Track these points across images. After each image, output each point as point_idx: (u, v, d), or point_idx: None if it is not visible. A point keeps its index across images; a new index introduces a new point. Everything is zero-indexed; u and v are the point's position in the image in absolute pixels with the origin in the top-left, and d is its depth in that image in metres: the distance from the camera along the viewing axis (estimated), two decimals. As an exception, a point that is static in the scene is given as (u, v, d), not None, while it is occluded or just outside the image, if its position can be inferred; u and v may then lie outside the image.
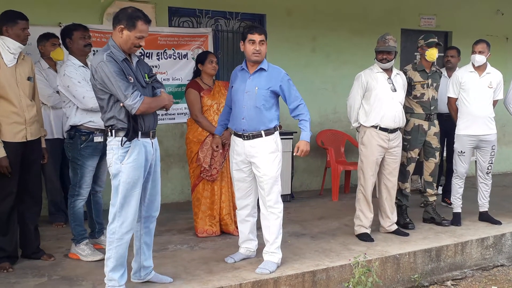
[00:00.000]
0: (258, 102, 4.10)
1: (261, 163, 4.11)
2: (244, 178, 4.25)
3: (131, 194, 3.49)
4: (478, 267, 5.15)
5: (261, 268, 4.11)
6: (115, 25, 3.48)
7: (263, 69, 4.15)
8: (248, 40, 4.09)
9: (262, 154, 4.11)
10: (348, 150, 7.52)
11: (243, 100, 4.13)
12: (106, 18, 6.04)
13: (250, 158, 4.15)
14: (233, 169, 4.29)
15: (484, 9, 8.74)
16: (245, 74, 4.19)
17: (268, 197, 4.13)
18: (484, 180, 5.64)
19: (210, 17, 6.82)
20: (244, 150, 4.15)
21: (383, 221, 5.21)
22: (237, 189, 4.32)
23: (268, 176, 4.11)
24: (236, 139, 4.22)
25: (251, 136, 4.12)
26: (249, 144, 4.13)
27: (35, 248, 4.40)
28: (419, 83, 5.32)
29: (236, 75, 4.27)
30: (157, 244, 4.66)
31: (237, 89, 4.19)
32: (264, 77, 4.15)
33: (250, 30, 4.11)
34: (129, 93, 3.37)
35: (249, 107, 4.11)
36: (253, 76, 4.15)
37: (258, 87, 4.11)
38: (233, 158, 4.26)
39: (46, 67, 5.30)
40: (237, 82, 4.22)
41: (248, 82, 4.15)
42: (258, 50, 4.07)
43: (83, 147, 4.27)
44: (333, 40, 7.54)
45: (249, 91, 4.12)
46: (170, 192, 6.63)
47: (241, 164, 4.20)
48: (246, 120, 4.11)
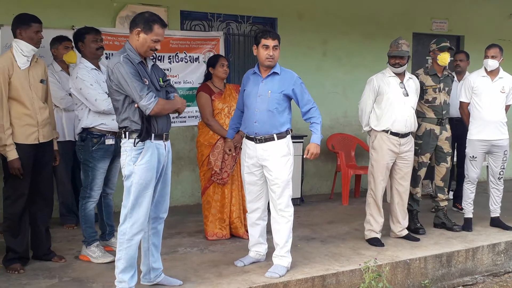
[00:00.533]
0: (271, 106, 4.11)
1: (273, 167, 4.11)
2: (255, 182, 4.25)
3: (142, 195, 3.51)
4: (489, 273, 5.12)
5: (271, 272, 4.11)
6: (132, 28, 3.54)
7: (276, 73, 4.16)
8: (262, 45, 4.09)
9: (274, 158, 4.11)
10: (359, 154, 7.50)
11: (256, 104, 4.13)
12: (119, 21, 6.08)
13: (262, 162, 4.15)
14: (244, 172, 4.29)
15: (496, 13, 8.69)
16: (258, 77, 4.20)
17: (279, 200, 4.13)
18: (496, 186, 5.60)
19: (222, 20, 6.84)
20: (256, 154, 4.15)
21: (394, 226, 5.19)
22: (248, 192, 4.32)
23: (279, 180, 4.11)
24: (248, 143, 4.22)
25: (263, 139, 4.13)
26: (261, 147, 4.14)
27: (46, 250, 4.43)
28: (431, 87, 5.30)
29: (248, 79, 4.28)
30: (167, 247, 4.69)
31: (250, 93, 4.20)
32: (277, 81, 4.15)
33: (264, 34, 4.11)
34: (144, 93, 3.41)
35: (262, 110, 4.11)
36: (266, 80, 4.16)
37: (271, 90, 4.11)
38: (244, 162, 4.27)
39: (59, 70, 5.35)
40: (249, 86, 4.23)
41: (261, 86, 4.15)
42: (272, 55, 4.08)
43: (94, 149, 4.30)
44: (344, 43, 7.53)
45: (262, 95, 4.13)
46: (180, 194, 6.65)
47: (253, 167, 4.21)
48: (258, 123, 4.12)
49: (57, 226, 5.39)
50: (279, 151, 4.13)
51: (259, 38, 4.12)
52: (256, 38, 4.16)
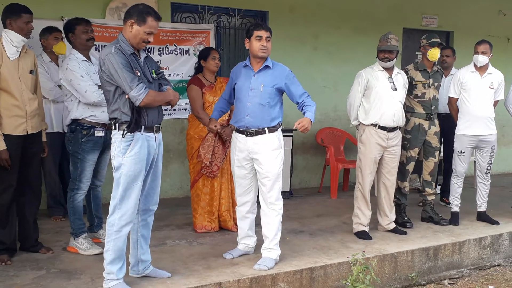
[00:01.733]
0: (263, 100, 4.12)
1: (264, 160, 4.12)
2: (245, 175, 4.26)
3: (131, 187, 3.51)
4: (475, 267, 5.17)
5: (260, 264, 4.13)
6: (126, 19, 3.54)
7: (268, 66, 4.17)
8: (255, 37, 4.10)
9: (265, 151, 4.12)
10: (348, 148, 7.54)
11: (248, 97, 4.13)
12: (109, 12, 6.06)
13: (253, 155, 4.15)
14: (234, 166, 4.29)
15: (486, 9, 8.75)
16: (250, 71, 4.20)
17: (269, 193, 4.14)
18: (483, 180, 5.66)
19: (213, 13, 6.82)
20: (247, 147, 4.16)
21: (381, 219, 5.22)
22: (238, 186, 4.33)
23: (270, 173, 4.12)
24: (239, 136, 4.22)
25: (255, 132, 4.13)
26: (252, 140, 4.14)
27: (34, 241, 4.41)
28: (420, 83, 5.33)
29: (239, 72, 4.27)
30: (156, 239, 4.69)
31: (242, 86, 4.19)
32: (269, 75, 4.16)
33: (257, 27, 4.13)
34: (134, 84, 3.40)
35: (254, 104, 4.12)
36: (258, 74, 4.16)
37: (263, 84, 4.12)
38: (234, 155, 4.27)
39: (48, 61, 5.31)
40: (241, 79, 4.22)
41: (253, 79, 4.15)
42: (265, 46, 4.09)
43: (84, 141, 4.28)
44: (335, 38, 7.54)
45: (254, 89, 4.13)
46: (169, 187, 6.65)
47: (243, 161, 4.21)
48: (250, 117, 4.12)
49: (45, 217, 5.37)
50: (270, 144, 4.14)
51: (252, 30, 4.13)
52: (249, 31, 4.16)
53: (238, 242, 4.46)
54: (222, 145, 4.99)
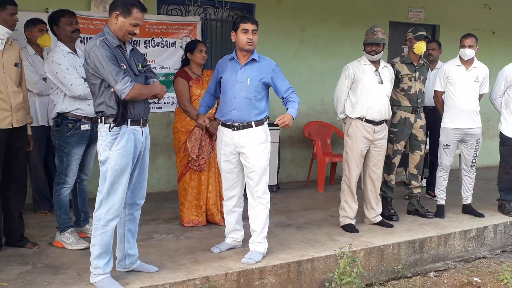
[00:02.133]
0: (250, 93, 4.10)
1: (250, 154, 4.11)
2: (232, 169, 4.25)
3: (118, 181, 3.48)
4: (460, 259, 5.23)
5: (247, 258, 4.13)
6: (111, 11, 3.50)
7: (255, 59, 4.15)
8: (241, 30, 4.08)
9: (252, 145, 4.11)
10: (335, 141, 7.56)
11: (235, 91, 4.11)
12: (94, 4, 5.99)
13: (240, 149, 4.14)
14: (221, 160, 4.27)
15: (472, 3, 8.80)
16: (236, 64, 4.18)
17: (256, 187, 4.14)
18: (468, 173, 5.70)
19: (199, 5, 6.78)
20: (233, 141, 4.15)
21: (368, 212, 5.25)
22: (225, 180, 4.32)
23: (257, 167, 4.11)
24: (225, 130, 4.21)
25: (241, 126, 4.12)
26: (238, 134, 4.13)
27: (19, 236, 4.37)
28: (406, 76, 5.35)
29: (225, 65, 4.24)
30: (143, 233, 4.67)
31: (228, 80, 4.17)
32: (256, 68, 4.14)
33: (243, 19, 4.11)
34: (120, 78, 3.37)
35: (241, 97, 4.10)
36: (245, 67, 4.14)
37: (250, 78, 4.10)
38: (221, 149, 4.25)
39: (33, 53, 5.24)
40: (227, 73, 4.19)
41: (239, 73, 4.13)
42: (252, 39, 4.07)
43: (69, 134, 4.24)
44: (321, 31, 7.54)
45: (241, 82, 4.11)
46: (155, 181, 6.62)
47: (230, 155, 4.20)
48: (236, 110, 4.10)
49: (30, 212, 5.32)
50: (257, 138, 4.13)
51: (238, 23, 4.11)
52: (235, 24, 4.14)
53: (225, 236, 4.45)
54: (209, 138, 4.97)
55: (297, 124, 7.39)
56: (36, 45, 5.24)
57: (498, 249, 5.52)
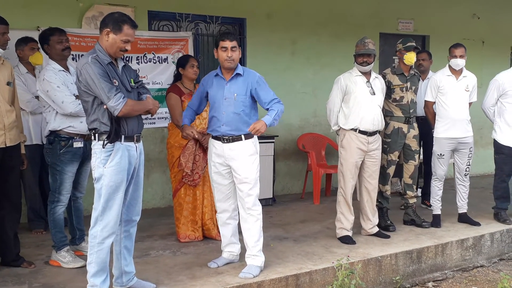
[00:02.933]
0: (238, 109, 4.12)
1: (240, 166, 4.12)
2: (223, 181, 4.24)
3: (113, 197, 3.47)
4: (458, 268, 5.21)
5: (245, 272, 4.10)
6: (102, 28, 3.51)
7: (239, 74, 4.18)
8: (220, 47, 4.11)
9: (242, 157, 4.13)
10: (329, 153, 7.56)
11: (223, 106, 4.13)
12: (85, 21, 6.00)
13: (229, 161, 4.15)
14: (212, 172, 4.27)
15: (460, 13, 8.89)
16: (221, 80, 4.20)
17: (246, 199, 4.14)
18: (462, 182, 5.71)
19: (190, 21, 6.80)
20: (223, 153, 4.16)
21: (365, 223, 5.24)
22: (217, 192, 4.31)
23: (247, 178, 4.12)
24: (215, 142, 4.21)
25: (231, 139, 4.14)
26: (228, 147, 4.14)
27: (15, 256, 4.33)
28: (398, 87, 5.38)
29: (210, 81, 4.25)
30: (139, 250, 4.64)
31: (215, 96, 4.18)
32: (241, 83, 4.16)
33: (222, 37, 4.14)
34: (112, 94, 3.37)
35: (229, 113, 4.12)
36: (230, 83, 4.16)
37: (237, 93, 4.12)
38: (211, 161, 4.26)
39: (25, 72, 5.23)
40: (213, 89, 4.21)
41: (226, 89, 4.15)
42: (230, 57, 4.08)
43: (62, 152, 4.23)
44: (313, 43, 7.58)
45: (228, 98, 4.13)
46: (150, 197, 6.59)
47: (220, 166, 4.20)
48: (226, 125, 4.12)
49: (26, 231, 5.28)
50: (246, 150, 4.15)
51: (218, 40, 4.15)
52: (216, 42, 4.18)
53: (222, 250, 4.43)
54: (203, 153, 4.96)
55: (291, 136, 7.41)
56: (28, 63, 5.24)
57: (495, 257, 5.51)
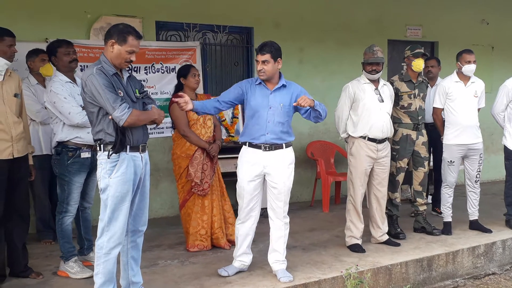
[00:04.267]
0: (283, 118, 4.20)
1: (280, 174, 4.18)
2: (254, 191, 4.24)
3: (119, 208, 3.46)
4: (469, 276, 5.15)
5: (286, 276, 4.20)
6: (107, 40, 3.53)
7: (284, 85, 4.26)
8: (256, 61, 4.22)
9: (282, 166, 4.20)
10: (338, 161, 7.53)
11: (267, 115, 4.17)
12: (93, 33, 6.03)
13: (268, 170, 4.18)
14: (246, 180, 4.21)
15: (469, 18, 8.84)
16: (265, 89, 4.23)
17: (284, 207, 4.24)
18: (473, 189, 5.66)
19: (198, 30, 6.83)
20: (263, 162, 4.17)
21: (374, 231, 5.20)
22: (246, 201, 4.25)
23: (286, 187, 4.21)
24: (252, 151, 4.20)
25: (273, 147, 4.18)
26: (269, 155, 4.18)
27: (23, 267, 4.34)
28: (406, 94, 5.35)
29: (253, 89, 4.24)
30: (147, 260, 4.63)
31: (259, 104, 4.19)
32: (285, 93, 4.24)
33: (257, 51, 4.22)
34: (117, 105, 3.38)
35: (274, 122, 4.17)
36: (275, 93, 4.22)
37: (283, 104, 4.20)
38: (245, 170, 4.22)
39: (35, 83, 5.25)
40: (256, 97, 4.21)
41: (270, 98, 4.19)
42: (261, 70, 4.17)
43: (70, 163, 4.24)
44: (320, 51, 7.57)
45: (273, 107, 4.18)
46: (159, 206, 6.59)
47: (255, 176, 4.20)
48: (270, 134, 4.17)
49: (34, 241, 5.29)
50: (287, 159, 4.23)
51: (257, 54, 4.23)
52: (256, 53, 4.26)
53: (234, 258, 4.38)
54: (210, 161, 4.96)
55: (300, 144, 7.38)
56: (39, 74, 5.27)
57: (507, 264, 5.44)
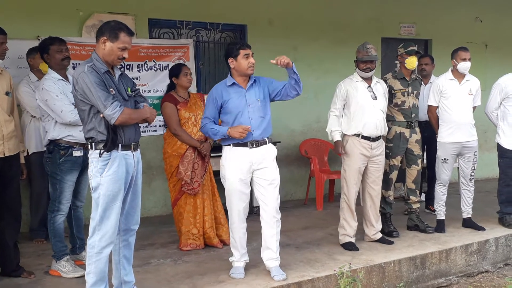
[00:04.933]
0: (262, 113, 4.22)
1: (268, 169, 4.20)
2: (246, 190, 4.23)
3: (111, 207, 3.44)
4: (463, 274, 5.15)
5: (279, 275, 4.18)
6: (98, 37, 3.50)
7: (255, 81, 4.26)
8: (242, 56, 4.14)
9: (269, 160, 4.23)
10: (332, 159, 7.52)
11: (249, 113, 4.17)
12: (85, 30, 6.01)
13: (257, 166, 4.17)
14: (236, 180, 4.16)
15: (463, 16, 8.85)
16: (239, 89, 4.21)
17: (275, 202, 4.22)
18: (467, 187, 5.66)
19: (191, 28, 6.80)
20: (251, 159, 4.16)
21: (368, 229, 5.20)
22: (239, 201, 4.21)
23: (276, 181, 4.24)
24: (240, 149, 4.17)
25: (259, 143, 4.19)
26: (257, 151, 4.17)
27: (15, 266, 4.31)
28: (399, 91, 5.34)
29: (226, 92, 4.20)
30: (140, 259, 4.62)
31: (237, 104, 4.17)
32: (257, 88, 4.24)
33: (242, 46, 4.18)
34: (109, 103, 3.35)
35: (256, 118, 4.18)
36: (249, 90, 4.21)
37: (260, 98, 4.21)
38: (235, 170, 4.16)
39: (35, 80, 5.20)
40: (233, 99, 4.18)
41: (247, 96, 4.19)
42: (253, 63, 4.16)
43: (62, 161, 4.22)
44: (314, 49, 7.56)
45: (252, 104, 4.18)
46: (152, 205, 6.57)
47: (246, 174, 4.18)
48: (256, 131, 4.17)
49: (27, 240, 5.27)
50: (272, 153, 4.28)
51: (238, 49, 4.15)
52: (232, 51, 4.17)
53: (238, 261, 4.31)
54: (202, 160, 4.94)
55: (293, 142, 7.38)
56: (39, 71, 5.21)
57: (500, 262, 5.45)
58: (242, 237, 4.30)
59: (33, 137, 5.17)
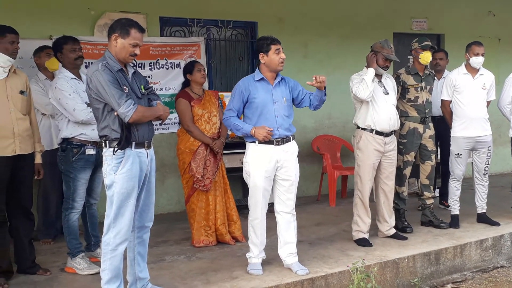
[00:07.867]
0: (287, 111, 4.26)
1: (292, 167, 4.24)
2: (269, 187, 4.25)
3: (125, 204, 3.46)
4: (478, 269, 5.12)
5: (302, 269, 4.22)
6: (110, 35, 3.53)
7: (283, 79, 4.29)
8: (274, 51, 4.16)
9: (293, 158, 4.27)
10: (344, 155, 7.50)
11: (274, 110, 4.19)
12: (97, 29, 6.04)
13: (282, 163, 4.19)
14: (262, 177, 4.15)
15: (475, 10, 8.77)
16: (267, 85, 4.22)
17: (294, 199, 4.28)
18: (481, 182, 5.62)
19: (202, 26, 6.81)
20: (276, 156, 4.18)
21: (381, 225, 5.18)
22: (263, 198, 4.21)
23: (297, 178, 4.29)
24: (266, 147, 4.17)
25: (284, 141, 4.21)
26: (281, 148, 4.20)
27: (31, 263, 4.35)
28: (413, 87, 5.31)
29: (253, 86, 4.21)
30: (154, 255, 4.64)
31: (264, 100, 4.18)
32: (283, 87, 4.28)
33: (273, 41, 4.19)
34: (123, 101, 3.37)
35: (281, 116, 4.21)
36: (276, 87, 4.24)
37: (286, 98, 4.25)
38: (261, 167, 4.16)
39: (43, 79, 5.23)
40: (260, 94, 4.19)
41: (274, 93, 4.21)
42: (284, 59, 4.20)
43: (75, 159, 4.24)
44: (324, 45, 7.54)
45: (278, 101, 4.21)
46: (166, 202, 6.59)
47: (271, 171, 4.21)
48: (281, 128, 4.19)
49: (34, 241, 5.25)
50: (295, 151, 4.31)
51: (269, 45, 4.16)
52: (264, 46, 4.17)
53: (256, 257, 4.31)
54: (214, 158, 4.95)
55: (305, 139, 7.36)
56: (46, 70, 5.24)
57: (515, 257, 5.42)
58: (264, 233, 4.31)
59: (43, 135, 5.19)
